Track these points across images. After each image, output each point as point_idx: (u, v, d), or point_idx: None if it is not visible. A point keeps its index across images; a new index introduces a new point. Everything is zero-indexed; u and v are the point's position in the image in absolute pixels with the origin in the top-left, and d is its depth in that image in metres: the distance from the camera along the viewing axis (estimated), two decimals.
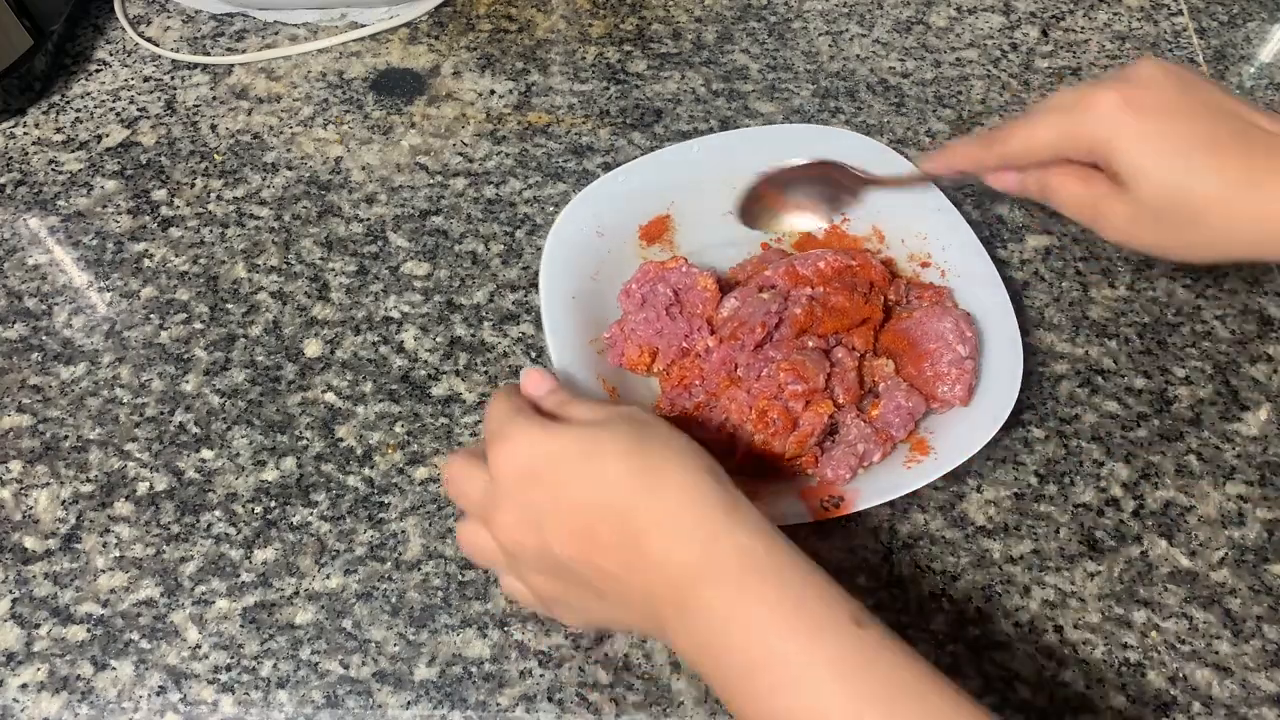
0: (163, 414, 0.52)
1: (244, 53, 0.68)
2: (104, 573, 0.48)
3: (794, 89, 0.66)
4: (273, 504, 0.50)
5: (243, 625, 0.46)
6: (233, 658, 0.45)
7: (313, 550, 0.48)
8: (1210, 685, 0.45)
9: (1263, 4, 0.72)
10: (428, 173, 0.62)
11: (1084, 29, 0.70)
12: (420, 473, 0.51)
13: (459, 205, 0.60)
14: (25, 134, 0.64)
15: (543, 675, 0.45)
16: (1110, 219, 0.44)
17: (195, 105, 0.65)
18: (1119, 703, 0.45)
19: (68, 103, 0.66)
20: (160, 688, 0.45)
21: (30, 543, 0.49)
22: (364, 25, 0.69)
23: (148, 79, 0.67)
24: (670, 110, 0.65)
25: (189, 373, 0.54)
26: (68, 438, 0.52)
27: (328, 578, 0.48)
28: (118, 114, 0.65)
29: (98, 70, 0.67)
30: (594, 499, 0.37)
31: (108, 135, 0.64)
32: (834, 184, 0.56)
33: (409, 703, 0.44)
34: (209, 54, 0.68)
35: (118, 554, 0.48)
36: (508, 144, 0.63)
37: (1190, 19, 0.71)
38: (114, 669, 0.45)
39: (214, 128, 0.64)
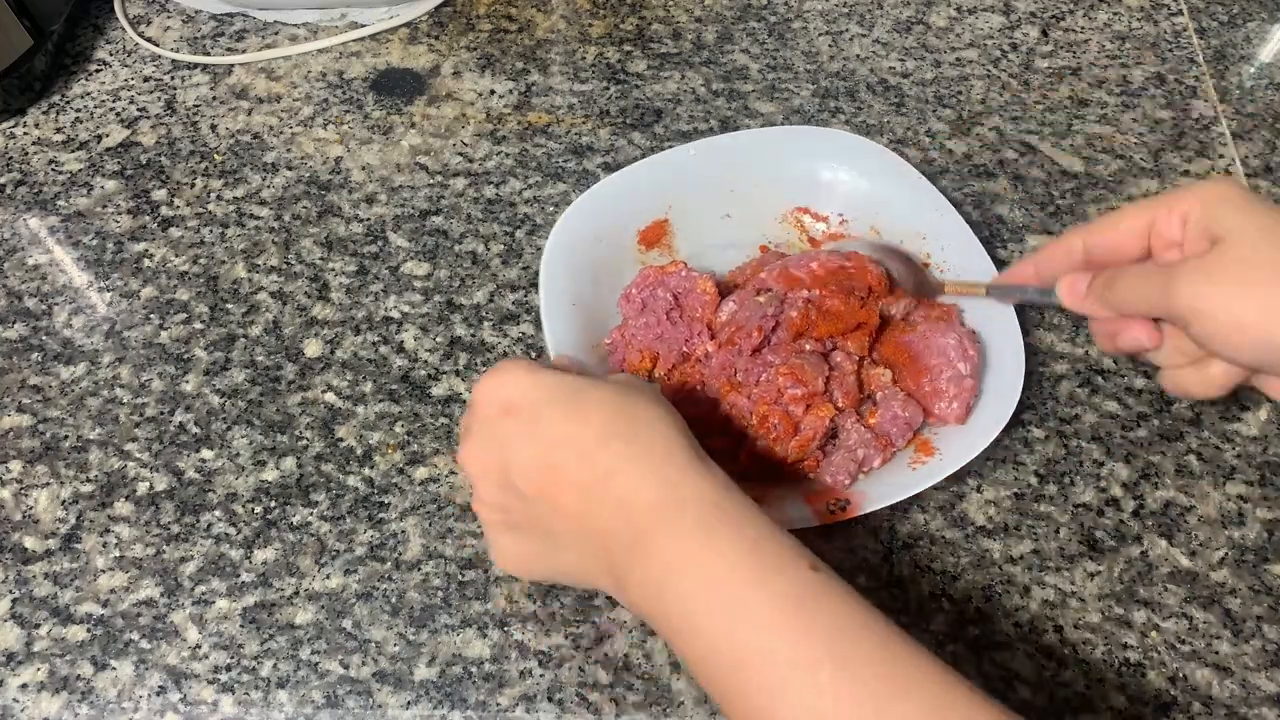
0: (163, 414, 0.52)
1: (244, 53, 0.68)
2: (104, 573, 0.48)
3: (794, 89, 0.66)
4: (273, 504, 0.50)
5: (243, 625, 0.46)
6: (233, 658, 0.45)
7: (313, 550, 0.48)
8: (1210, 685, 0.45)
9: (1263, 4, 0.72)
10: (428, 173, 0.62)
11: (1084, 29, 0.70)
12: (420, 473, 0.51)
13: (459, 205, 0.60)
14: (25, 134, 0.64)
15: (543, 675, 0.45)
16: (1189, 288, 0.39)
17: (195, 105, 0.65)
18: (1119, 703, 0.45)
19: (68, 103, 0.66)
20: (160, 688, 0.45)
21: (30, 543, 0.49)
22: (364, 25, 0.69)
23: (148, 79, 0.67)
24: (670, 110, 0.65)
25: (189, 373, 0.54)
26: (68, 438, 0.52)
27: (328, 578, 0.48)
28: (118, 114, 0.65)
29: (98, 70, 0.67)
30: (567, 436, 0.38)
31: (108, 135, 0.64)
32: (915, 275, 0.54)
33: (409, 703, 0.44)
34: (209, 54, 0.68)
35: (118, 554, 0.48)
36: (508, 144, 0.63)
37: (1190, 19, 0.71)
38: (114, 669, 0.45)
39: (214, 128, 0.64)
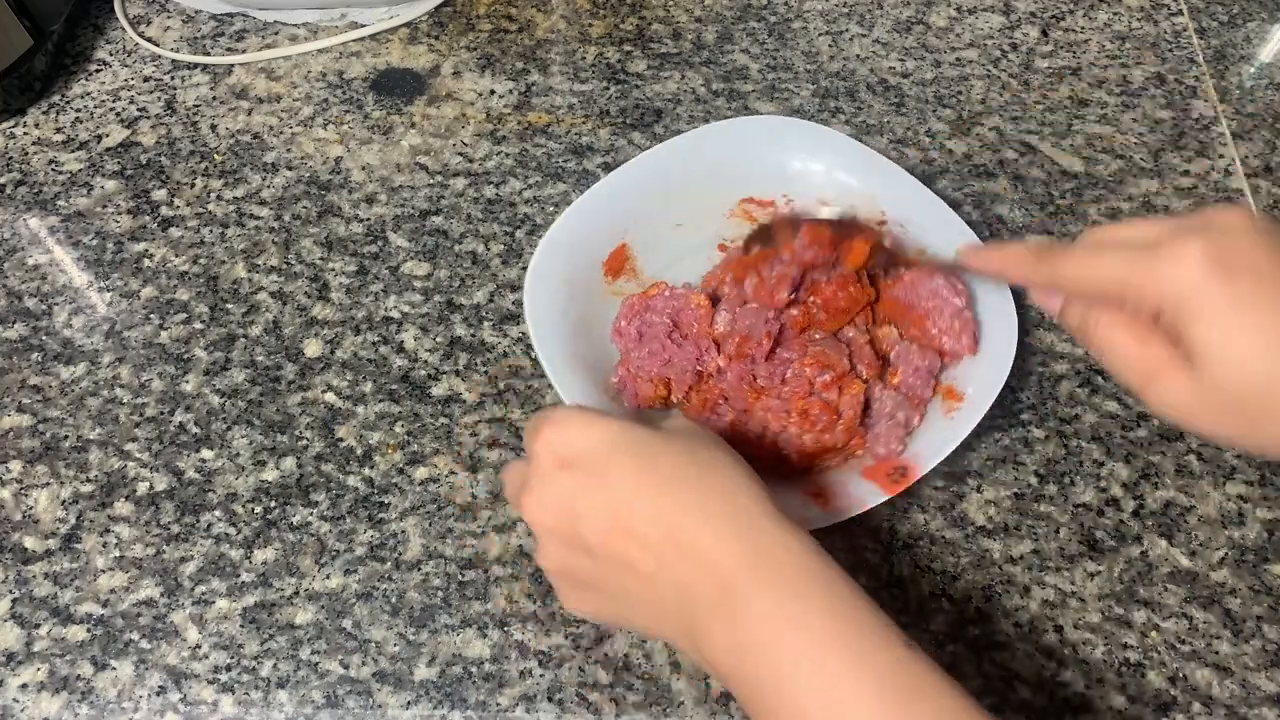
0: (163, 414, 0.52)
1: (244, 53, 0.68)
2: (104, 573, 0.48)
3: (794, 89, 0.66)
4: (273, 504, 0.50)
5: (243, 625, 0.46)
6: (233, 658, 0.45)
7: (313, 550, 0.48)
8: (1210, 685, 0.45)
9: (1263, 4, 0.72)
10: (428, 173, 0.62)
11: (1084, 29, 0.70)
12: (420, 473, 0.51)
13: (459, 205, 0.60)
14: (25, 134, 0.64)
15: (543, 675, 0.45)
16: (1167, 393, 0.36)
17: (195, 105, 0.65)
18: (1119, 703, 0.45)
19: (68, 103, 0.66)
20: (160, 688, 0.45)
21: (30, 543, 0.49)
22: (364, 25, 0.69)
23: (148, 79, 0.67)
24: (670, 110, 0.65)
25: (189, 373, 0.54)
26: (68, 438, 0.52)
27: (328, 578, 0.48)
28: (118, 114, 0.65)
29: (98, 70, 0.67)
30: (636, 489, 0.36)
31: (108, 135, 0.64)
32: (855, 237, 0.53)
33: (409, 703, 0.44)
34: (209, 54, 0.68)
35: (118, 554, 0.48)
36: (508, 144, 0.63)
37: (1190, 19, 0.71)
38: (114, 669, 0.45)
39: (214, 128, 0.64)
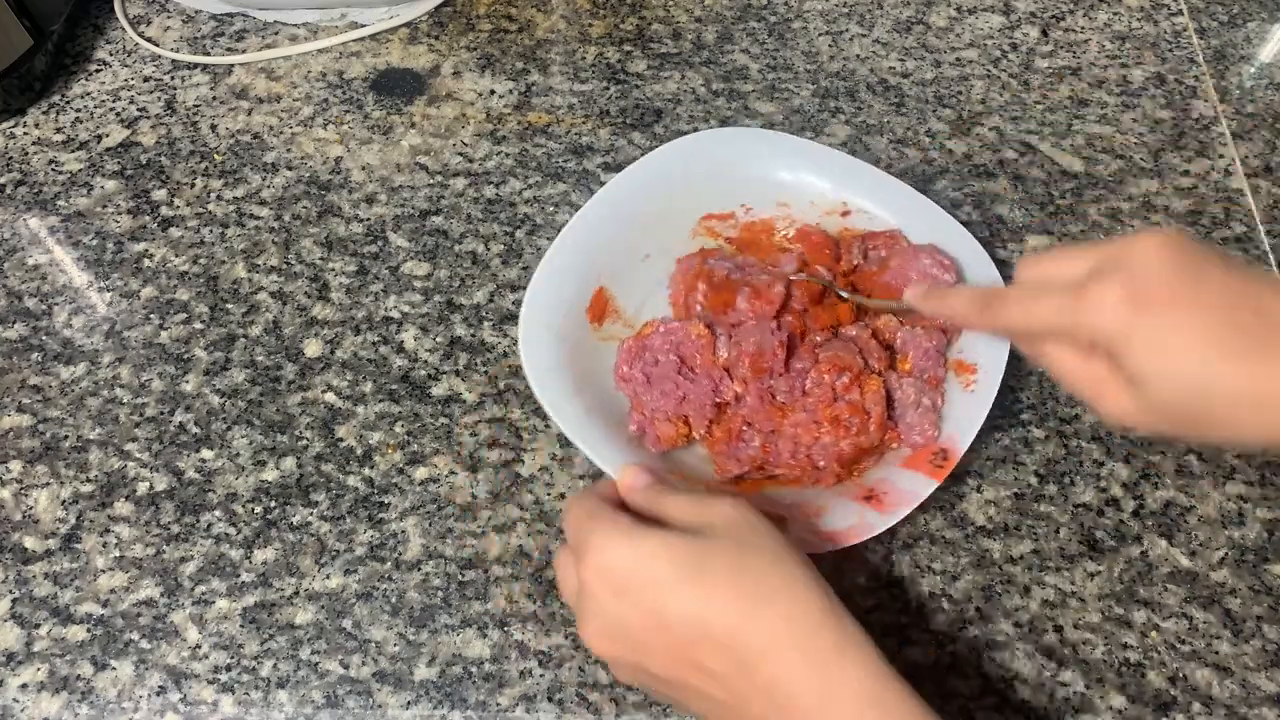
0: (163, 414, 0.52)
1: (244, 53, 0.68)
2: (104, 573, 0.48)
3: (794, 89, 0.66)
4: (273, 504, 0.50)
5: (243, 625, 0.46)
6: (233, 658, 0.45)
7: (313, 550, 0.48)
8: (1210, 685, 0.45)
9: (1263, 4, 0.72)
10: (428, 173, 0.62)
11: (1084, 29, 0.70)
12: (420, 473, 0.51)
13: (459, 205, 0.60)
14: (25, 134, 0.64)
15: (543, 675, 0.45)
16: (1114, 407, 0.39)
17: (195, 105, 0.65)
18: (1119, 703, 0.45)
19: (68, 103, 0.66)
20: (160, 688, 0.45)
21: (30, 543, 0.49)
22: (364, 25, 0.69)
23: (148, 79, 0.67)
24: (670, 110, 0.65)
25: (189, 373, 0.54)
26: (68, 438, 0.52)
27: (328, 578, 0.48)
28: (118, 114, 0.65)
29: (98, 70, 0.67)
30: (696, 622, 0.35)
31: (108, 135, 0.64)
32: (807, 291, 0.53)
33: (409, 703, 0.44)
34: (209, 54, 0.68)
35: (118, 554, 0.48)
36: (508, 144, 0.63)
37: (1190, 19, 0.71)
38: (114, 669, 0.45)
39: (214, 128, 0.64)
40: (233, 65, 0.67)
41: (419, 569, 0.48)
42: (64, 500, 0.50)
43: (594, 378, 0.51)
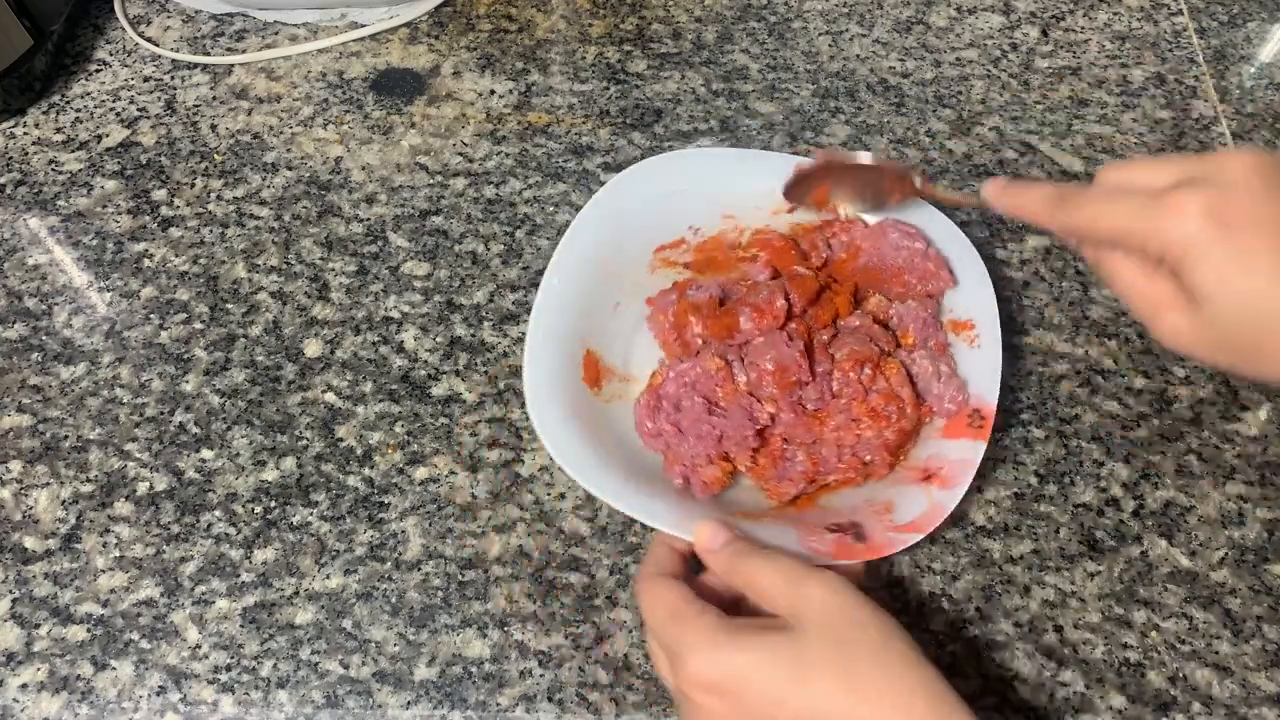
0: (163, 414, 0.52)
1: (244, 53, 0.68)
2: (104, 573, 0.48)
3: (794, 89, 0.66)
4: (273, 504, 0.50)
5: (243, 625, 0.46)
6: (233, 658, 0.45)
7: (313, 550, 0.48)
8: (1210, 685, 0.45)
9: (1263, 4, 0.72)
10: (428, 173, 0.62)
11: (1084, 29, 0.70)
12: (420, 473, 0.51)
13: (459, 205, 0.60)
14: (25, 134, 0.64)
15: (543, 675, 0.45)
16: (1170, 326, 0.38)
17: (195, 105, 0.65)
18: (1119, 703, 0.45)
19: (68, 103, 0.66)
20: (160, 688, 0.45)
21: (30, 543, 0.49)
22: (364, 25, 0.69)
23: (148, 79, 0.67)
24: (670, 110, 0.65)
25: (189, 373, 0.54)
26: (68, 438, 0.52)
27: (328, 578, 0.48)
28: (118, 114, 0.65)
29: (98, 70, 0.67)
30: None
31: (108, 135, 0.64)
32: (887, 182, 0.52)
33: (409, 703, 0.44)
34: (209, 54, 0.68)
35: (118, 554, 0.48)
36: (508, 144, 0.63)
37: (1190, 19, 0.71)
38: (114, 669, 0.45)
39: (214, 128, 0.64)
40: (233, 65, 0.67)
41: (419, 569, 0.48)
42: (64, 500, 0.50)
43: (621, 441, 0.49)
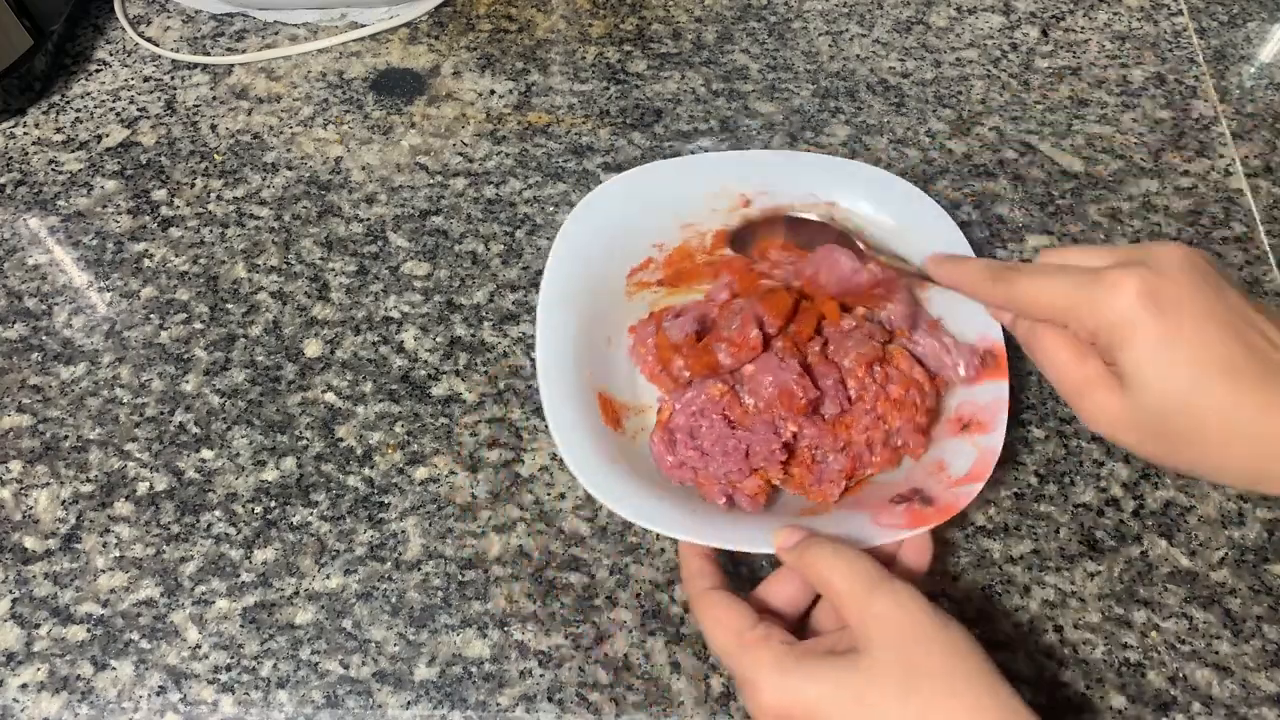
0: (163, 414, 0.52)
1: (244, 53, 0.68)
2: (104, 573, 0.48)
3: (794, 89, 0.66)
4: (273, 504, 0.50)
5: (243, 625, 0.46)
6: (233, 658, 0.45)
7: (313, 550, 0.48)
8: (1210, 685, 0.45)
9: (1263, 4, 0.72)
10: (428, 173, 0.62)
11: (1084, 29, 0.70)
12: (420, 473, 0.51)
13: (459, 205, 0.60)
14: (25, 134, 0.64)
15: (543, 675, 0.45)
16: (1097, 407, 0.39)
17: (195, 105, 0.65)
18: (1119, 703, 0.45)
19: (68, 103, 0.66)
20: (160, 688, 0.45)
21: (30, 543, 0.49)
22: (364, 25, 0.69)
23: (148, 79, 0.67)
24: (670, 110, 0.65)
25: (189, 373, 0.54)
26: (68, 438, 0.52)
27: (328, 578, 0.48)
28: (118, 114, 0.65)
29: (98, 70, 0.67)
30: None
31: (108, 135, 0.64)
32: (831, 240, 0.53)
33: (409, 703, 0.44)
34: (209, 54, 0.68)
35: (118, 554, 0.48)
36: (508, 144, 0.63)
37: (1190, 19, 0.71)
38: (114, 669, 0.45)
39: (214, 128, 0.64)
40: (233, 65, 0.67)
41: (419, 569, 0.48)
42: (64, 500, 0.50)
43: (653, 476, 0.48)
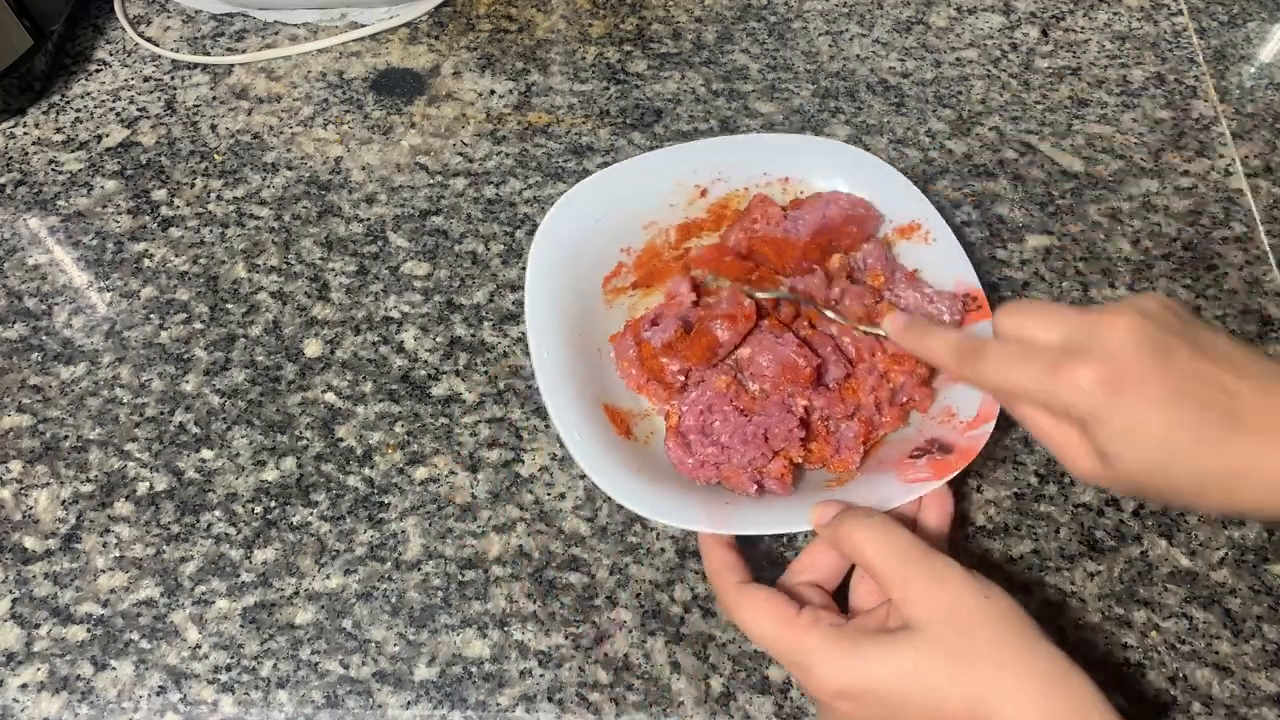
0: (163, 414, 0.52)
1: (244, 53, 0.68)
2: (104, 573, 0.48)
3: (794, 89, 0.66)
4: (273, 504, 0.50)
5: (243, 625, 0.46)
6: (233, 658, 0.45)
7: (313, 550, 0.48)
8: (1210, 685, 0.45)
9: (1263, 4, 0.72)
10: (428, 173, 0.62)
11: (1084, 29, 0.70)
12: (420, 473, 0.51)
13: (459, 205, 0.60)
14: (25, 134, 0.64)
15: (543, 675, 0.45)
16: (1085, 470, 0.41)
17: (195, 105, 0.65)
18: (1119, 703, 0.44)
19: (68, 103, 0.66)
20: (160, 688, 0.45)
21: (30, 543, 0.49)
22: (364, 25, 0.69)
23: (148, 79, 0.67)
24: (670, 110, 0.65)
25: (189, 373, 0.54)
26: (68, 438, 0.52)
27: (328, 578, 0.48)
28: (118, 114, 0.65)
29: (98, 70, 0.67)
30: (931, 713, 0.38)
31: (108, 135, 0.64)
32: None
33: (409, 703, 0.44)
34: (209, 54, 0.68)
35: (118, 554, 0.48)
36: (508, 144, 0.63)
37: (1190, 19, 0.71)
38: (114, 669, 0.45)
39: (214, 128, 0.64)
40: (233, 65, 0.67)
41: (419, 569, 0.48)
42: (64, 500, 0.50)
43: (674, 480, 0.48)
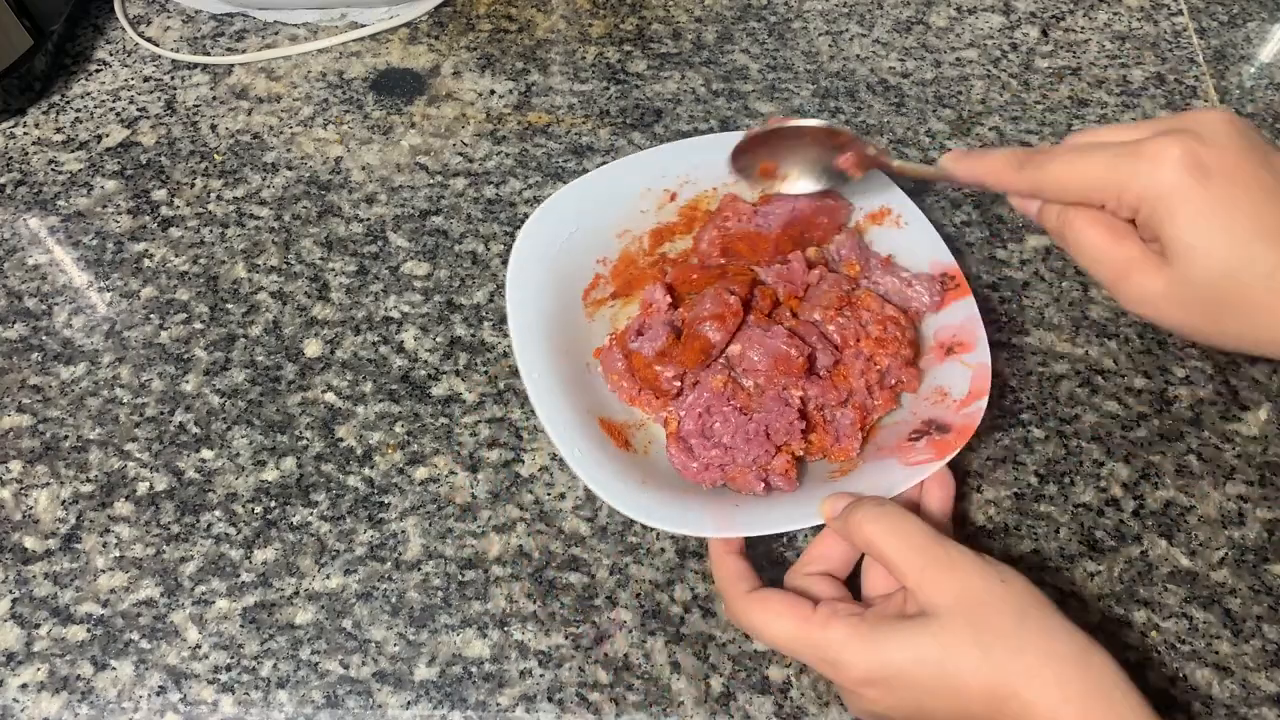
0: (163, 414, 0.52)
1: (244, 53, 0.68)
2: (104, 573, 0.48)
3: (794, 89, 0.66)
4: (273, 504, 0.50)
5: (243, 625, 0.46)
6: (233, 658, 0.45)
7: (313, 550, 0.48)
8: (1210, 685, 0.45)
9: (1263, 4, 0.72)
10: (428, 173, 0.62)
11: (1084, 29, 0.70)
12: (420, 473, 0.51)
13: (459, 205, 0.60)
14: (25, 134, 0.64)
15: (543, 675, 0.45)
16: (1138, 288, 0.37)
17: (195, 105, 0.65)
18: None
19: (68, 103, 0.66)
20: (160, 688, 0.45)
21: (30, 543, 0.49)
22: (364, 25, 0.69)
23: (148, 79, 0.67)
24: (670, 110, 0.65)
25: (189, 373, 0.54)
26: (68, 438, 0.52)
27: (328, 578, 0.48)
28: (118, 114, 0.65)
29: (98, 70, 0.67)
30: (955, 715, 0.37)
31: (108, 135, 0.64)
32: (837, 150, 0.51)
33: (409, 703, 0.44)
34: (209, 54, 0.68)
35: (118, 554, 0.48)
36: (508, 144, 0.63)
37: (1190, 19, 0.71)
38: (114, 669, 0.45)
39: (214, 128, 0.64)
40: (233, 65, 0.67)
41: (419, 569, 0.48)
42: (64, 500, 0.50)
43: (677, 486, 0.47)
